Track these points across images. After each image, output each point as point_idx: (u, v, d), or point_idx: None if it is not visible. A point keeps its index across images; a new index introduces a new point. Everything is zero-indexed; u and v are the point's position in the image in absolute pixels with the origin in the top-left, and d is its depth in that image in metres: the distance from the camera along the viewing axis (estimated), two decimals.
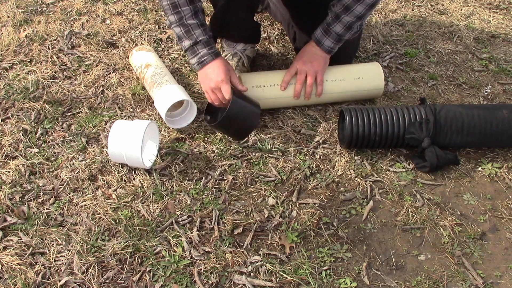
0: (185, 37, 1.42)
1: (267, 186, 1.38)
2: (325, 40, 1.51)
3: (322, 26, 1.51)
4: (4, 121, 1.59)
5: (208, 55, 1.43)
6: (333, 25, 1.48)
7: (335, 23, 1.48)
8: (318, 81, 1.54)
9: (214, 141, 1.52)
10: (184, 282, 1.15)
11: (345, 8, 1.44)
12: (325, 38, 1.51)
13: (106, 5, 2.16)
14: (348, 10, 1.44)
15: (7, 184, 1.38)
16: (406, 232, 1.28)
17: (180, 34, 1.43)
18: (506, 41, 2.00)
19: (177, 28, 1.42)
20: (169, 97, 1.50)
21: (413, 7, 2.20)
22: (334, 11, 1.47)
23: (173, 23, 1.43)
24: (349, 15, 1.45)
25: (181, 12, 1.40)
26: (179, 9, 1.40)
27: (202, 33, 1.42)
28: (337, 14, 1.46)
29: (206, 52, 1.43)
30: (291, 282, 1.16)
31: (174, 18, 1.41)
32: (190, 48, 1.43)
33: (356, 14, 1.44)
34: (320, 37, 1.52)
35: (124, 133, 1.37)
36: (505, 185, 1.40)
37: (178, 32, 1.43)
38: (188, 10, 1.40)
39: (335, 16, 1.47)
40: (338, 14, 1.46)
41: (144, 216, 1.30)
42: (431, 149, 1.40)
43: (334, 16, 1.47)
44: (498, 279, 1.18)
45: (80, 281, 1.15)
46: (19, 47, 1.91)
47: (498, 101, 1.69)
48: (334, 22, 1.48)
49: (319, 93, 1.56)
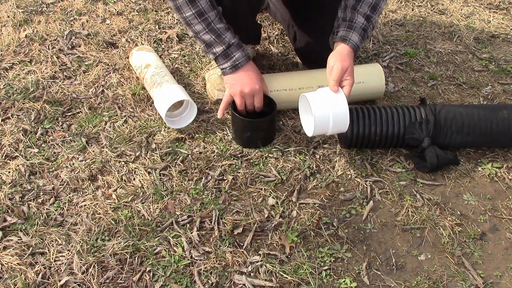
0: (217, 42, 1.39)
1: (267, 186, 1.38)
2: (361, 45, 1.41)
3: (358, 31, 1.37)
4: (4, 121, 1.59)
5: (242, 57, 1.41)
6: (368, 29, 1.40)
7: (369, 25, 1.40)
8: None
9: (214, 141, 1.52)
10: (184, 282, 1.16)
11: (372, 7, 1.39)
12: (362, 43, 1.40)
13: (106, 5, 2.16)
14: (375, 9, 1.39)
15: (7, 184, 1.38)
16: (406, 232, 1.28)
17: (210, 40, 1.39)
18: (506, 41, 2.00)
19: (207, 35, 1.38)
20: (169, 97, 1.51)
21: (413, 7, 2.20)
22: (364, 13, 1.39)
23: (201, 31, 1.38)
24: (377, 14, 1.40)
25: (208, 18, 1.37)
26: (206, 16, 1.37)
27: (232, 36, 1.40)
28: (368, 15, 1.39)
29: (241, 54, 1.41)
30: (291, 282, 1.16)
31: (202, 26, 1.37)
32: (223, 53, 1.40)
33: (380, 11, 1.41)
34: (359, 44, 1.39)
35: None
36: (505, 185, 1.40)
37: (208, 39, 1.39)
38: (214, 15, 1.37)
39: (367, 18, 1.39)
40: (369, 15, 1.39)
41: (144, 216, 1.30)
42: (431, 149, 1.40)
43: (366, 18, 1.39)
44: (498, 279, 1.18)
45: (80, 281, 1.16)
46: (19, 47, 1.91)
47: (498, 101, 1.69)
48: (369, 25, 1.40)
49: None
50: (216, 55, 1.41)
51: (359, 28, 1.38)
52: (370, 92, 1.61)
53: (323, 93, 1.31)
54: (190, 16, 1.37)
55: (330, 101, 1.29)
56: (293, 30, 1.73)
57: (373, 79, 1.60)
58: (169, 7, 2.15)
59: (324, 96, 1.30)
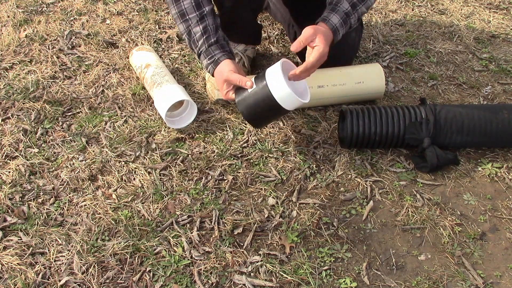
0: (193, 47, 1.43)
1: (267, 186, 1.38)
2: (341, 31, 1.40)
3: (340, 14, 1.38)
4: (4, 121, 1.59)
5: (209, 65, 1.41)
6: (351, 15, 1.40)
7: (353, 13, 1.40)
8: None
9: (214, 141, 1.52)
10: (184, 282, 1.16)
11: None
12: (342, 28, 1.40)
13: (106, 5, 2.16)
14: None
15: (7, 184, 1.38)
16: (406, 232, 1.28)
17: (189, 43, 1.43)
18: (506, 41, 2.00)
19: (186, 37, 1.43)
20: (169, 97, 1.51)
21: (413, 7, 2.20)
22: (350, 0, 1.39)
23: (182, 32, 1.43)
24: (364, 6, 1.40)
25: (189, 20, 1.40)
26: (187, 17, 1.39)
27: (203, 42, 1.40)
28: (354, 3, 1.39)
29: (207, 63, 1.41)
30: (291, 282, 1.16)
31: (183, 26, 1.41)
32: (198, 58, 1.44)
33: (368, 5, 1.41)
34: (339, 27, 1.39)
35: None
36: (505, 185, 1.40)
37: (188, 41, 1.43)
38: (195, 17, 1.39)
39: (353, 5, 1.39)
40: (355, 3, 1.39)
41: (144, 216, 1.30)
42: (431, 149, 1.40)
43: (352, 4, 1.39)
44: (498, 279, 1.18)
45: (80, 281, 1.15)
46: (19, 47, 1.91)
47: (498, 101, 1.69)
48: (353, 11, 1.40)
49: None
50: (197, 58, 1.45)
51: (341, 12, 1.38)
52: (370, 92, 1.61)
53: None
54: (174, 14, 1.41)
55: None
56: (293, 30, 1.73)
57: (373, 79, 1.60)
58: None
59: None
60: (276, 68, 1.31)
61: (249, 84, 1.32)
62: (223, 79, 1.37)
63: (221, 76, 1.38)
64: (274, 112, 1.35)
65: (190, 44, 1.44)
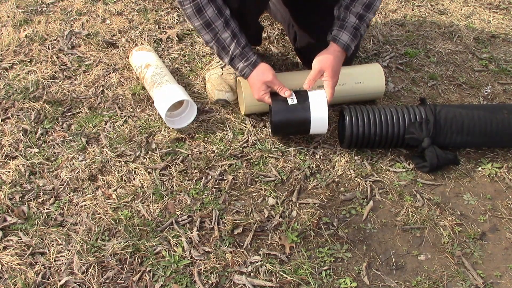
0: (223, 53, 1.43)
1: (267, 186, 1.38)
2: (353, 44, 1.46)
3: (349, 30, 1.44)
4: (4, 121, 1.59)
5: (245, 68, 1.42)
6: (360, 28, 1.45)
7: (362, 24, 1.45)
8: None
9: (214, 141, 1.52)
10: (184, 282, 1.15)
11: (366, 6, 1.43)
12: (353, 42, 1.46)
13: (106, 5, 2.16)
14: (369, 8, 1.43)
15: (7, 184, 1.38)
16: (406, 232, 1.28)
17: (218, 50, 1.43)
18: (506, 41, 2.00)
19: (214, 46, 1.42)
20: (169, 97, 1.51)
21: (413, 7, 2.20)
22: (356, 12, 1.43)
23: (209, 41, 1.42)
24: (371, 12, 1.44)
25: (215, 28, 1.39)
26: (213, 26, 1.39)
27: (235, 46, 1.41)
28: (360, 14, 1.43)
29: (243, 66, 1.42)
30: (291, 282, 1.16)
31: (210, 36, 1.41)
32: (231, 63, 1.44)
33: (375, 10, 1.44)
34: (350, 43, 1.45)
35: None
36: (505, 185, 1.40)
37: (216, 50, 1.43)
38: (221, 24, 1.39)
39: (359, 17, 1.44)
40: (362, 14, 1.43)
41: (144, 216, 1.30)
42: (431, 149, 1.40)
43: (359, 17, 1.43)
44: (498, 279, 1.18)
45: (80, 281, 1.15)
46: (19, 47, 1.91)
47: (498, 101, 1.69)
48: (361, 24, 1.44)
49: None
50: (228, 64, 1.46)
51: (350, 27, 1.43)
52: (370, 92, 1.61)
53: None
54: (198, 26, 1.40)
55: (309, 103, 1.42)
56: (293, 30, 1.73)
57: (373, 79, 1.60)
58: (172, 7, 2.15)
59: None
60: (322, 93, 1.43)
61: (288, 94, 1.41)
62: (265, 80, 1.41)
63: (263, 78, 1.41)
64: (299, 129, 1.46)
65: (219, 51, 1.43)
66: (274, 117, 1.42)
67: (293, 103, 1.41)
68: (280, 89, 1.41)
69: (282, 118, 1.41)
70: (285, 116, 1.41)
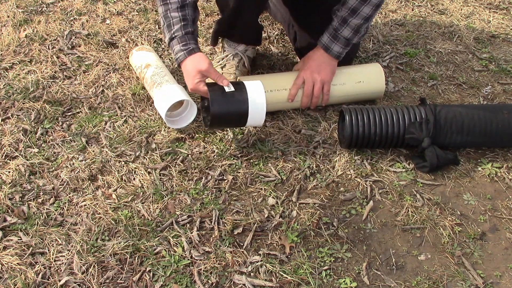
0: (166, 31, 1.42)
1: (267, 186, 1.38)
2: (334, 46, 1.50)
3: (329, 31, 1.50)
4: (4, 121, 1.59)
5: (181, 52, 1.41)
6: (340, 30, 1.47)
7: (343, 28, 1.47)
8: (325, 91, 1.53)
9: (214, 141, 1.52)
10: (184, 282, 1.15)
11: (352, 11, 1.43)
12: (333, 43, 1.50)
13: (106, 5, 2.16)
14: (355, 13, 1.43)
15: (7, 184, 1.38)
16: (406, 232, 1.28)
17: (163, 27, 1.43)
18: (506, 41, 2.00)
19: (162, 20, 1.43)
20: (169, 97, 1.51)
21: (413, 7, 2.20)
22: (340, 16, 1.46)
23: (160, 14, 1.43)
24: (357, 18, 1.44)
25: (168, 4, 1.40)
26: (167, 1, 1.40)
27: (180, 28, 1.40)
28: (344, 18, 1.45)
29: (179, 49, 1.41)
30: (291, 282, 1.16)
31: (162, 9, 1.42)
32: (169, 44, 1.43)
33: (363, 16, 1.44)
34: (329, 43, 1.51)
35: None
36: (505, 185, 1.40)
37: (162, 25, 1.43)
38: (175, 3, 1.40)
39: (342, 20, 1.46)
40: (345, 18, 1.45)
41: (144, 216, 1.30)
42: (431, 149, 1.40)
43: (341, 20, 1.46)
44: (498, 279, 1.18)
45: (80, 281, 1.15)
46: (19, 47, 1.91)
47: (498, 101, 1.69)
48: (342, 27, 1.47)
49: (325, 102, 1.56)
50: (167, 44, 1.45)
51: (330, 29, 1.51)
52: (371, 91, 1.61)
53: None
54: None
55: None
56: (293, 30, 1.73)
57: (373, 79, 1.60)
58: None
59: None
60: (259, 83, 1.40)
61: (226, 82, 1.37)
62: (200, 69, 1.38)
63: (198, 66, 1.38)
64: (237, 120, 1.40)
65: (164, 27, 1.43)
66: (211, 102, 1.35)
67: (230, 90, 1.36)
68: (218, 77, 1.38)
69: (219, 104, 1.36)
70: (222, 100, 1.36)
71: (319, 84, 1.51)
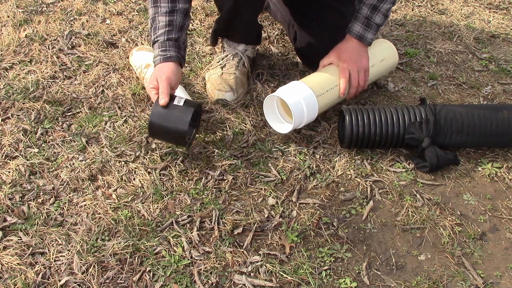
0: (151, 33, 1.44)
1: (267, 186, 1.38)
2: (368, 34, 1.51)
3: (360, 21, 1.50)
4: (4, 121, 1.59)
5: (158, 57, 1.41)
6: (373, 17, 1.48)
7: (375, 15, 1.48)
8: (366, 78, 1.54)
9: (214, 141, 1.52)
10: (184, 282, 1.16)
11: None
12: (367, 32, 1.51)
13: (106, 5, 2.16)
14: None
15: (7, 184, 1.38)
16: (406, 232, 1.28)
17: (150, 28, 1.44)
18: (506, 41, 2.00)
19: (149, 21, 1.44)
20: None
21: (413, 7, 2.20)
22: (369, 3, 1.47)
23: (149, 16, 1.44)
24: (387, 3, 1.46)
25: (159, 7, 1.41)
26: (158, 4, 1.41)
27: (163, 33, 1.41)
28: (373, 5, 1.47)
29: (157, 53, 1.41)
30: (291, 282, 1.16)
31: (152, 11, 1.43)
32: (152, 45, 1.44)
33: (391, 0, 1.47)
34: (362, 32, 1.51)
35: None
36: (505, 185, 1.40)
37: (149, 26, 1.44)
38: (165, 7, 1.40)
39: (373, 8, 1.47)
40: (375, 5, 1.47)
41: (144, 216, 1.30)
42: (431, 149, 1.40)
43: (371, 8, 1.47)
44: (498, 279, 1.18)
45: (80, 281, 1.16)
46: (19, 47, 1.91)
47: (498, 101, 1.69)
48: (374, 14, 1.48)
49: (365, 88, 1.57)
50: (152, 44, 1.45)
51: (361, 18, 1.49)
52: (390, 66, 1.67)
53: (286, 86, 1.47)
54: None
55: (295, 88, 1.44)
56: (293, 30, 1.73)
57: (389, 53, 1.66)
58: None
59: (288, 87, 1.45)
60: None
61: (163, 102, 1.34)
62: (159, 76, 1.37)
63: (159, 73, 1.38)
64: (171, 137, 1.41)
65: (150, 29, 1.45)
66: (151, 117, 1.36)
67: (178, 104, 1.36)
68: (161, 92, 1.36)
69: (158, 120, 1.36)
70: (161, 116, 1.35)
71: (363, 73, 1.51)
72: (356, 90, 1.53)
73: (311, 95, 1.44)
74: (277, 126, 1.51)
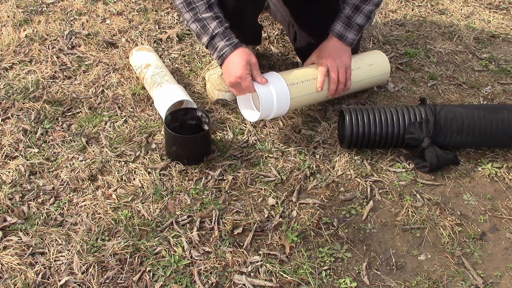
0: (202, 32, 1.40)
1: (267, 186, 1.38)
2: (348, 33, 1.51)
3: (341, 20, 1.51)
4: (4, 121, 1.59)
5: (226, 47, 1.39)
6: (354, 17, 1.49)
7: (356, 15, 1.49)
8: (348, 76, 1.53)
9: (214, 141, 1.52)
10: (184, 282, 1.16)
11: None
12: (347, 31, 1.51)
13: (106, 5, 2.16)
14: (366, 0, 1.47)
15: (7, 184, 1.38)
16: (406, 232, 1.28)
17: (197, 30, 1.41)
18: (506, 41, 2.00)
19: (193, 24, 1.40)
20: (169, 97, 1.51)
21: (413, 7, 2.20)
22: (352, 3, 1.48)
23: (189, 20, 1.41)
24: (369, 4, 1.47)
25: (196, 8, 1.39)
26: (194, 5, 1.39)
27: (217, 25, 1.39)
28: (356, 5, 1.47)
29: (224, 44, 1.39)
30: (291, 282, 1.16)
31: (189, 15, 1.40)
32: (209, 44, 1.41)
33: (375, 2, 1.47)
34: (343, 31, 1.51)
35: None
36: (505, 185, 1.40)
37: (195, 29, 1.41)
38: (202, 4, 1.38)
39: (355, 8, 1.48)
40: (358, 5, 1.47)
41: (144, 216, 1.30)
42: (431, 149, 1.40)
43: (354, 8, 1.48)
44: (498, 279, 1.18)
45: (80, 281, 1.15)
46: (19, 47, 1.91)
47: (498, 101, 1.69)
48: (355, 14, 1.49)
49: (348, 88, 1.55)
50: (205, 45, 1.42)
51: (343, 17, 1.51)
52: (380, 73, 1.65)
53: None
54: (179, 5, 1.40)
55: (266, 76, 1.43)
56: (293, 30, 1.73)
57: (380, 61, 1.64)
58: (172, 7, 2.15)
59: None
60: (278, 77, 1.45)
61: (265, 81, 1.41)
62: (250, 61, 1.39)
63: (247, 58, 1.38)
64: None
65: (198, 30, 1.40)
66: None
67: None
68: (258, 74, 1.40)
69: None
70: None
71: (343, 69, 1.50)
72: (336, 86, 1.51)
73: (281, 81, 1.43)
74: (247, 114, 1.50)
